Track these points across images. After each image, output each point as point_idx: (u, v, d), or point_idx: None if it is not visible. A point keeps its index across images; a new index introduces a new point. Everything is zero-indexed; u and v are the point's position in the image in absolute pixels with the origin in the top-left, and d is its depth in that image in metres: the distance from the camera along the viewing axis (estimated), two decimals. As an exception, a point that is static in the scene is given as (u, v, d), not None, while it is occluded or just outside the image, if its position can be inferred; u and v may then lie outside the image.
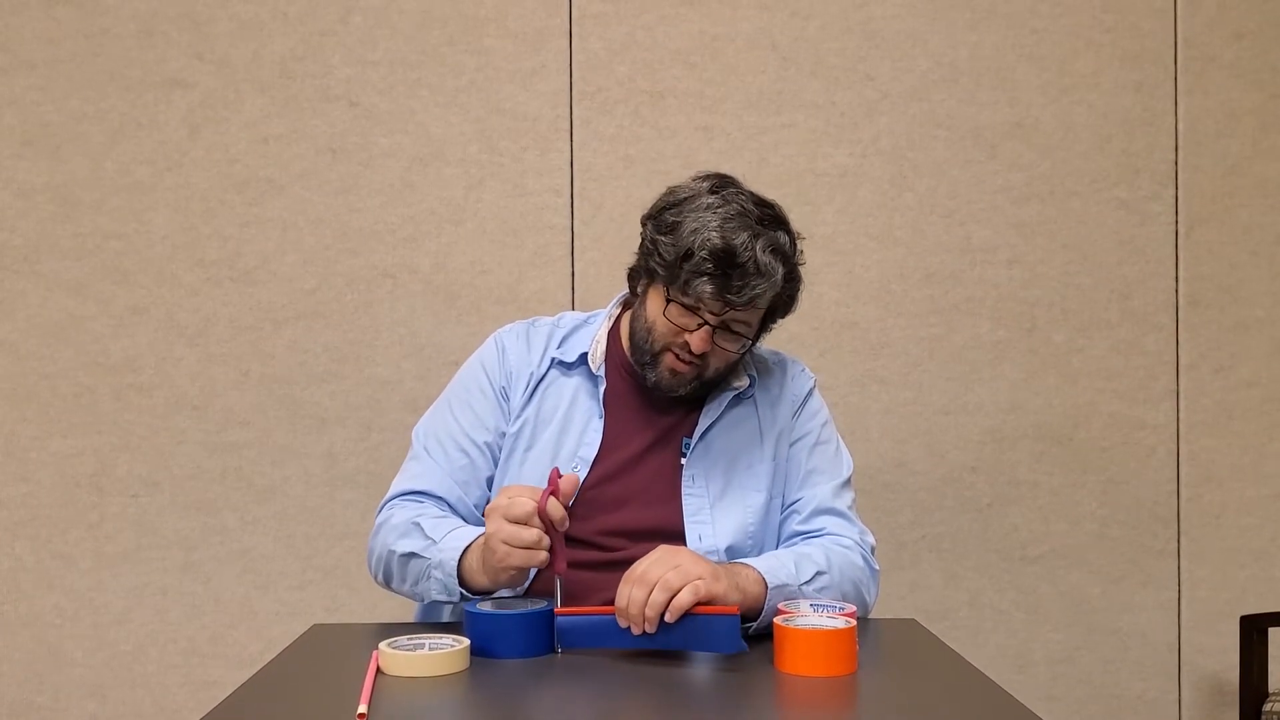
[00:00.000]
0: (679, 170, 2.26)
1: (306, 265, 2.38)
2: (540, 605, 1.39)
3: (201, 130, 2.38)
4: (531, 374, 1.66)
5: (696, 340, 1.54)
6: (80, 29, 2.37)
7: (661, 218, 1.57)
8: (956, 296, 2.42)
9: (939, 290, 2.42)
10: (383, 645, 1.29)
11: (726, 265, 1.49)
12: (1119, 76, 2.42)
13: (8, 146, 2.37)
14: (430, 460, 1.64)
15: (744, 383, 1.67)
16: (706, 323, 1.54)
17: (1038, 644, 2.43)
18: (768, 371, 1.72)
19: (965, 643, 2.38)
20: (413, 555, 1.52)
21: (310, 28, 2.38)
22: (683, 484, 1.61)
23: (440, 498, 1.62)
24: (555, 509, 1.39)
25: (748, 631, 1.41)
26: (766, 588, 1.44)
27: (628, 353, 1.67)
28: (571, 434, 1.63)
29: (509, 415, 1.66)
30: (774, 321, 1.65)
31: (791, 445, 1.68)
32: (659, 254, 1.55)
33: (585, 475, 1.60)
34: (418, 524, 1.54)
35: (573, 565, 1.47)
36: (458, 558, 1.47)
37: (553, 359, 1.67)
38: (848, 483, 1.69)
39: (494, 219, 2.39)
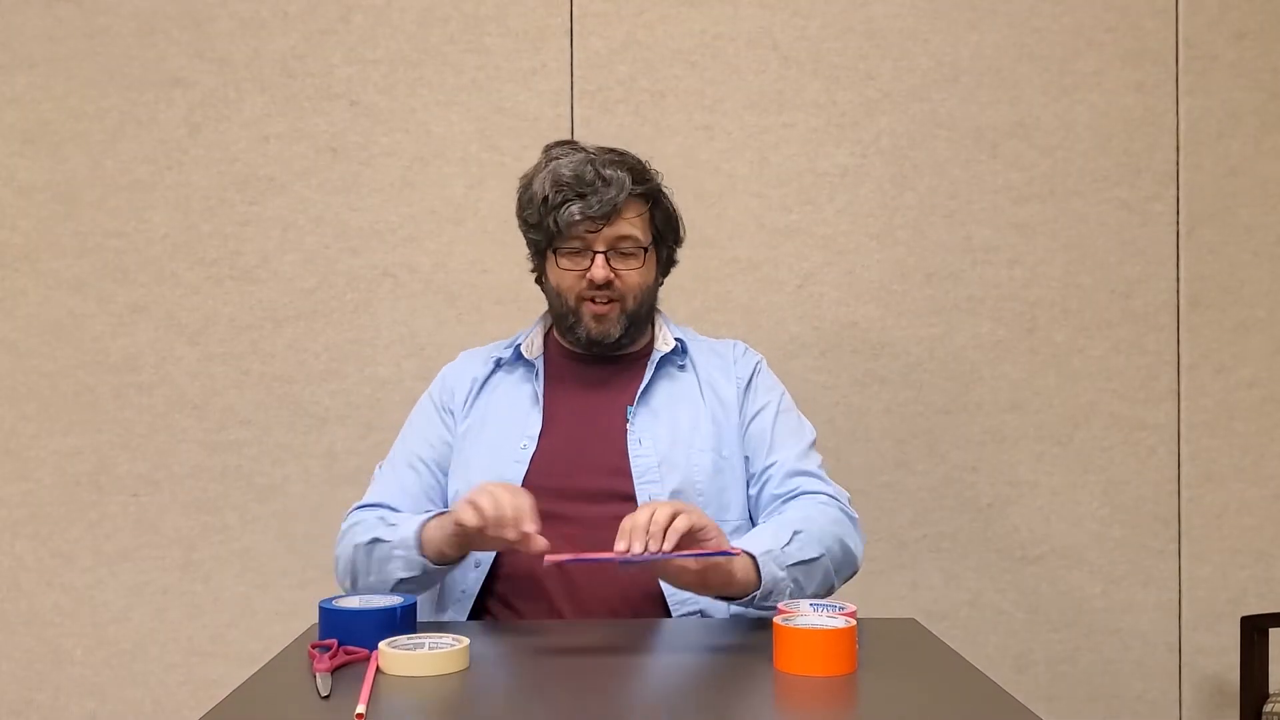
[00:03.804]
0: (680, 169, 2.27)
1: (307, 264, 2.38)
2: (397, 601, 1.41)
3: (202, 129, 2.38)
4: (474, 379, 1.76)
5: (597, 271, 1.64)
6: (81, 27, 2.37)
7: (521, 200, 1.70)
8: (957, 296, 2.42)
9: (940, 290, 2.42)
10: (382, 644, 1.29)
11: (577, 188, 1.62)
12: (1120, 76, 2.42)
13: (8, 145, 2.37)
14: (385, 479, 1.73)
15: (669, 345, 1.74)
16: (595, 251, 1.64)
17: (1038, 644, 2.43)
18: (708, 349, 1.79)
19: (965, 643, 2.38)
20: (376, 540, 1.57)
21: (311, 26, 2.38)
22: (630, 447, 1.66)
23: (393, 508, 1.67)
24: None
25: (751, 602, 1.46)
26: (754, 557, 1.47)
27: (558, 336, 1.76)
28: (517, 418, 1.70)
29: (455, 423, 1.74)
30: (670, 245, 1.75)
31: (752, 420, 1.72)
32: (531, 225, 1.69)
33: (534, 450, 1.66)
34: (380, 518, 1.62)
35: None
36: (417, 528, 1.53)
37: (496, 360, 1.77)
38: (813, 445, 1.74)
39: (494, 218, 2.39)
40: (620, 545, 1.37)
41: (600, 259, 1.64)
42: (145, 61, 2.37)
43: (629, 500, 1.61)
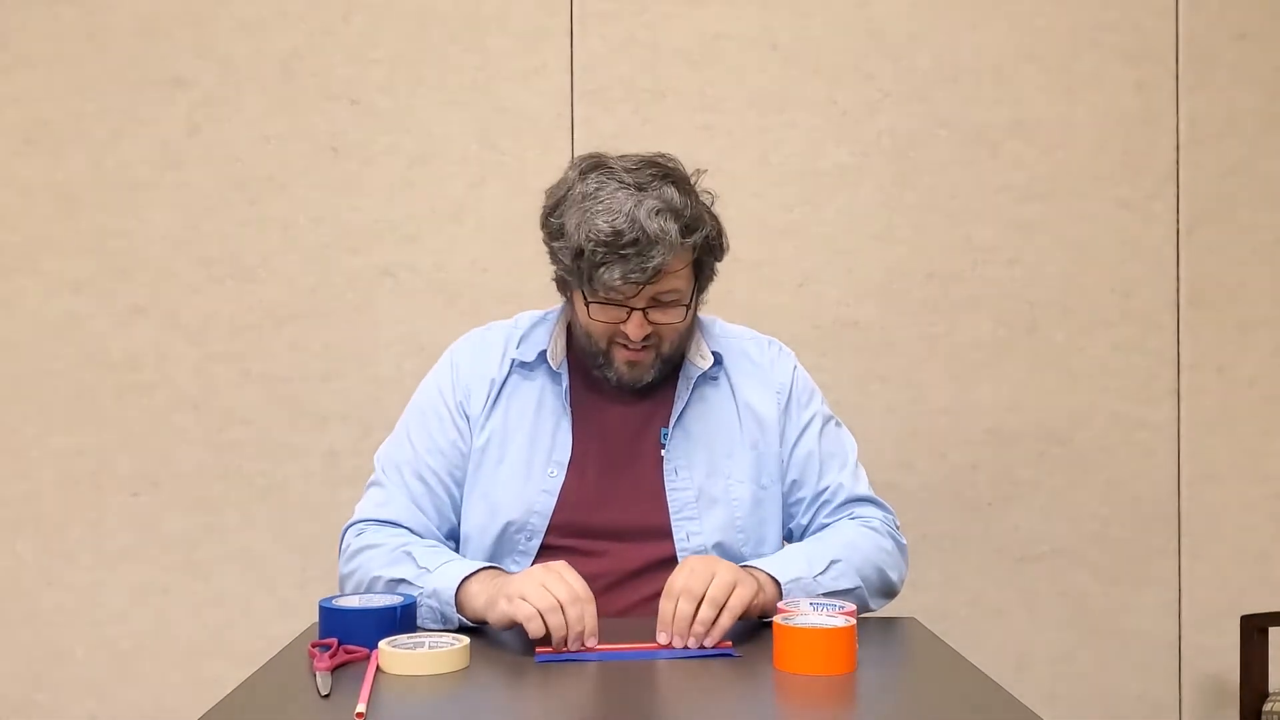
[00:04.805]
0: (680, 169, 2.27)
1: (307, 264, 2.38)
2: (397, 600, 1.41)
3: (202, 128, 2.38)
4: (492, 380, 1.62)
5: (632, 329, 1.51)
6: (81, 27, 2.37)
7: (549, 224, 1.54)
8: (958, 296, 2.42)
9: (940, 289, 2.42)
10: (382, 644, 1.29)
11: (618, 248, 1.44)
12: (1120, 76, 2.42)
13: (9, 144, 2.37)
14: (392, 488, 1.60)
15: (707, 361, 1.62)
16: (633, 308, 1.50)
17: (1038, 644, 2.43)
18: (740, 353, 1.68)
19: (965, 643, 2.36)
20: (402, 581, 1.48)
21: (311, 26, 2.38)
22: (665, 478, 1.58)
23: (407, 527, 1.58)
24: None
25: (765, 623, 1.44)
26: (779, 585, 1.45)
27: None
28: (542, 439, 1.59)
29: (470, 430, 1.61)
30: (709, 269, 1.59)
31: (797, 442, 1.64)
32: (559, 259, 1.53)
33: (563, 480, 1.57)
34: (408, 552, 1.50)
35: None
36: (455, 586, 1.43)
37: (513, 361, 1.63)
38: (857, 460, 1.67)
39: (495, 218, 2.39)
40: (662, 638, 1.34)
41: (638, 315, 1.51)
42: (145, 61, 2.37)
43: (664, 537, 1.55)
